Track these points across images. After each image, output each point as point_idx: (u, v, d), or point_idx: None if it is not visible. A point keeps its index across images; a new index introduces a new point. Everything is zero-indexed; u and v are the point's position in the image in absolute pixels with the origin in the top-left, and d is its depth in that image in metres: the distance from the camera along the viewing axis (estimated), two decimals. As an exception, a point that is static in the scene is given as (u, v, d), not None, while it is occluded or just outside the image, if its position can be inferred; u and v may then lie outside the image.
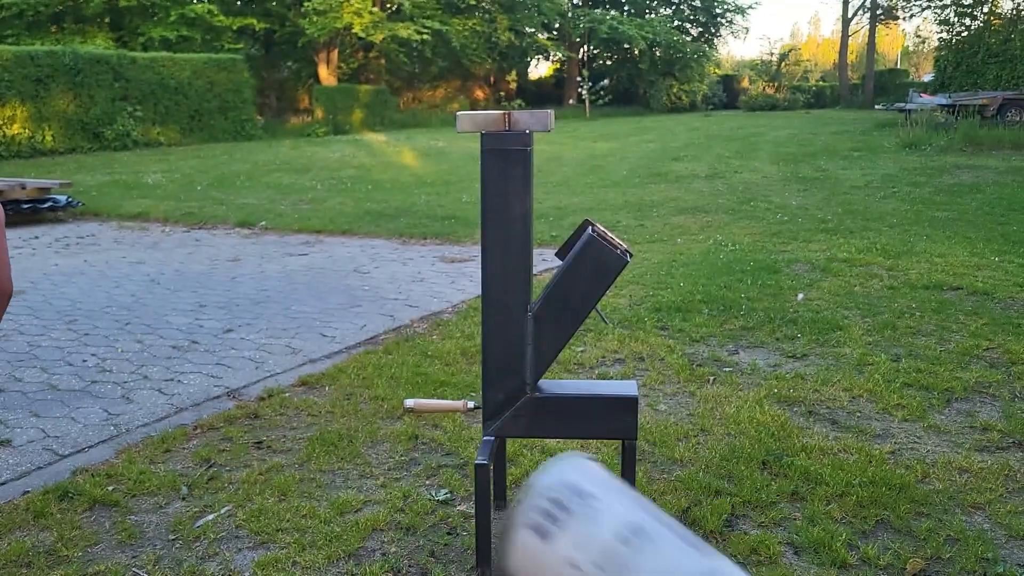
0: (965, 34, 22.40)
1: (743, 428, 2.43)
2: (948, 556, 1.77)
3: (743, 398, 2.68)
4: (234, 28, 21.92)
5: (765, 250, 5.24)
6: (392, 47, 25.15)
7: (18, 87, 13.86)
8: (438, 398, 2.71)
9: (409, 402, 1.91)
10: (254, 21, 22.53)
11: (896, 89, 32.50)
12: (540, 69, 39.00)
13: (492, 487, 1.98)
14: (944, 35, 23.89)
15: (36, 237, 6.31)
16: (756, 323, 3.56)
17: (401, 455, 2.29)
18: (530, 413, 1.75)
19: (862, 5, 35.44)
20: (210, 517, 1.96)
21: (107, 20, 20.95)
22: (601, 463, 1.27)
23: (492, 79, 33.52)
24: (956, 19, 23.54)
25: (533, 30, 30.86)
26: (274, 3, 23.49)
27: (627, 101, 33.77)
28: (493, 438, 1.76)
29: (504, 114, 1.65)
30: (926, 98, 17.55)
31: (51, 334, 3.58)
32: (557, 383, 1.82)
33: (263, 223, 6.80)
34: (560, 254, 1.78)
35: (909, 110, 15.94)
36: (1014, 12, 21.94)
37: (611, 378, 2.91)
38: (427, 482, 2.14)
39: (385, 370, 2.98)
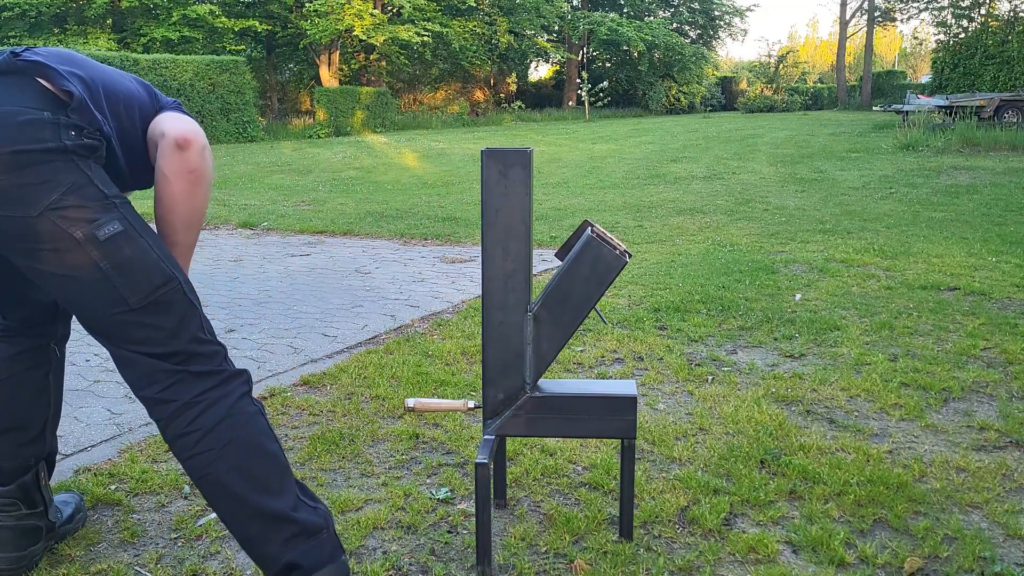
0: (962, 36, 22.46)
1: (741, 427, 2.45)
2: (946, 555, 1.78)
3: (741, 397, 2.69)
4: (236, 30, 21.94)
5: (763, 251, 5.25)
6: (393, 49, 25.17)
7: (19, 89, 13.85)
8: (439, 397, 2.72)
9: (410, 401, 1.92)
10: (256, 23, 22.54)
11: (893, 91, 32.60)
12: (540, 71, 39.03)
13: (492, 486, 1.99)
14: (941, 37, 23.96)
15: (36, 238, 6.32)
16: (754, 323, 3.58)
17: (402, 454, 2.31)
18: (530, 412, 1.77)
19: (860, 7, 35.52)
20: (212, 516, 1.97)
21: (109, 22, 20.96)
22: None
23: (492, 81, 33.57)
24: (953, 21, 23.61)
25: (533, 32, 30.88)
26: (276, 5, 23.50)
27: (626, 103, 33.83)
28: (493, 437, 1.77)
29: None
30: (923, 100, 17.60)
31: (52, 335, 3.59)
32: (557, 382, 1.84)
33: (265, 224, 6.81)
34: (560, 255, 1.80)
35: (906, 112, 16.00)
36: (1011, 14, 22.00)
37: (610, 377, 2.93)
38: (428, 481, 2.15)
39: (386, 370, 2.99)
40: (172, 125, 1.50)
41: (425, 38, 23.60)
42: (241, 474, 1.46)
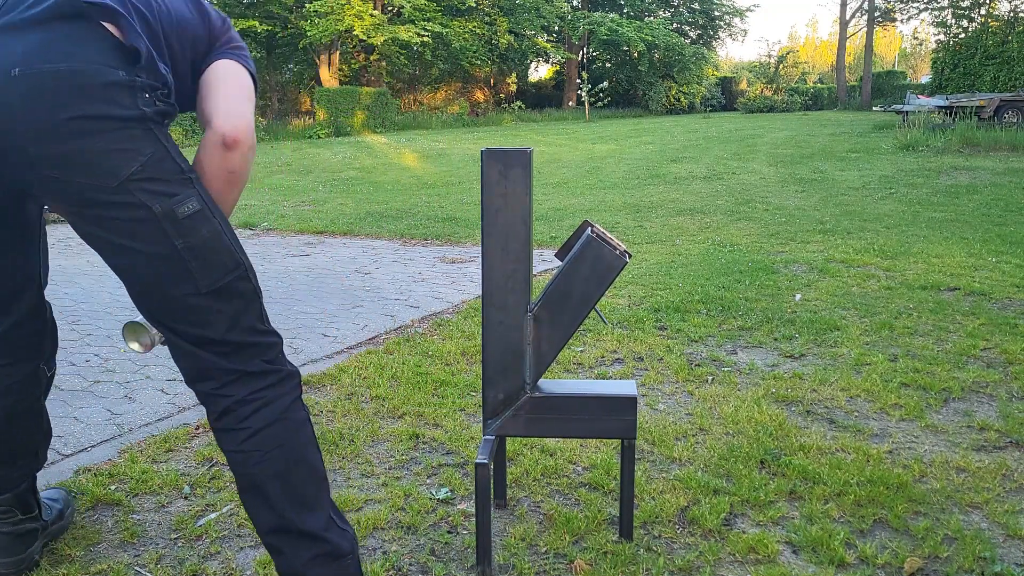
0: (962, 36, 22.46)
1: (741, 427, 2.45)
2: (946, 555, 1.78)
3: (741, 398, 2.69)
4: (236, 30, 21.95)
5: (763, 251, 5.25)
6: (393, 49, 25.16)
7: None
8: (439, 397, 2.73)
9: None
10: (256, 23, 22.53)
11: (893, 91, 32.61)
12: (540, 72, 39.03)
13: (492, 486, 1.99)
14: (941, 37, 23.96)
15: (36, 238, 6.32)
16: (754, 323, 3.58)
17: (402, 454, 2.31)
18: (530, 412, 1.77)
19: (860, 7, 35.53)
20: (212, 516, 1.97)
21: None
22: None
23: (492, 81, 33.55)
24: (953, 21, 23.61)
25: (533, 33, 30.86)
26: (276, 5, 23.49)
27: (626, 103, 33.82)
28: (493, 437, 1.77)
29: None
30: (923, 100, 17.59)
31: (52, 335, 3.59)
32: (557, 383, 1.84)
33: (265, 224, 6.81)
34: (560, 255, 1.80)
35: (906, 112, 16.01)
36: (1011, 14, 22.00)
37: (610, 378, 2.93)
38: (428, 481, 2.15)
39: (386, 370, 2.99)
40: (223, 117, 1.36)
41: (425, 38, 23.59)
42: (280, 483, 1.41)
